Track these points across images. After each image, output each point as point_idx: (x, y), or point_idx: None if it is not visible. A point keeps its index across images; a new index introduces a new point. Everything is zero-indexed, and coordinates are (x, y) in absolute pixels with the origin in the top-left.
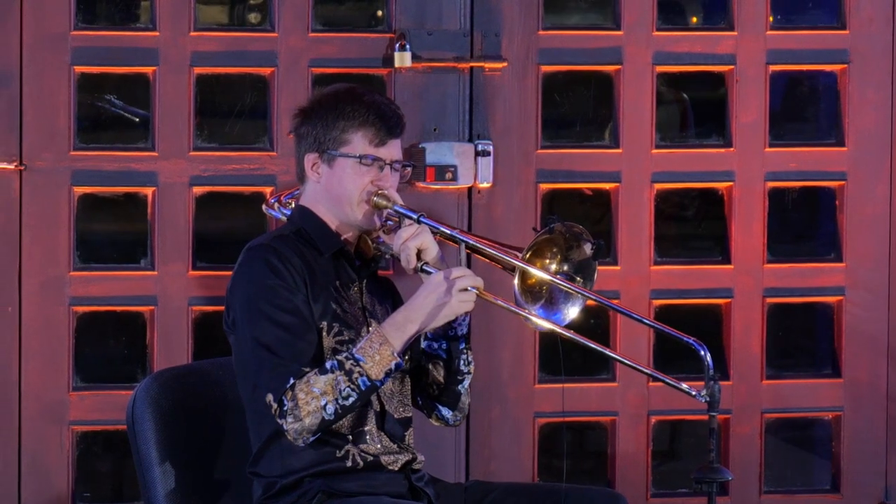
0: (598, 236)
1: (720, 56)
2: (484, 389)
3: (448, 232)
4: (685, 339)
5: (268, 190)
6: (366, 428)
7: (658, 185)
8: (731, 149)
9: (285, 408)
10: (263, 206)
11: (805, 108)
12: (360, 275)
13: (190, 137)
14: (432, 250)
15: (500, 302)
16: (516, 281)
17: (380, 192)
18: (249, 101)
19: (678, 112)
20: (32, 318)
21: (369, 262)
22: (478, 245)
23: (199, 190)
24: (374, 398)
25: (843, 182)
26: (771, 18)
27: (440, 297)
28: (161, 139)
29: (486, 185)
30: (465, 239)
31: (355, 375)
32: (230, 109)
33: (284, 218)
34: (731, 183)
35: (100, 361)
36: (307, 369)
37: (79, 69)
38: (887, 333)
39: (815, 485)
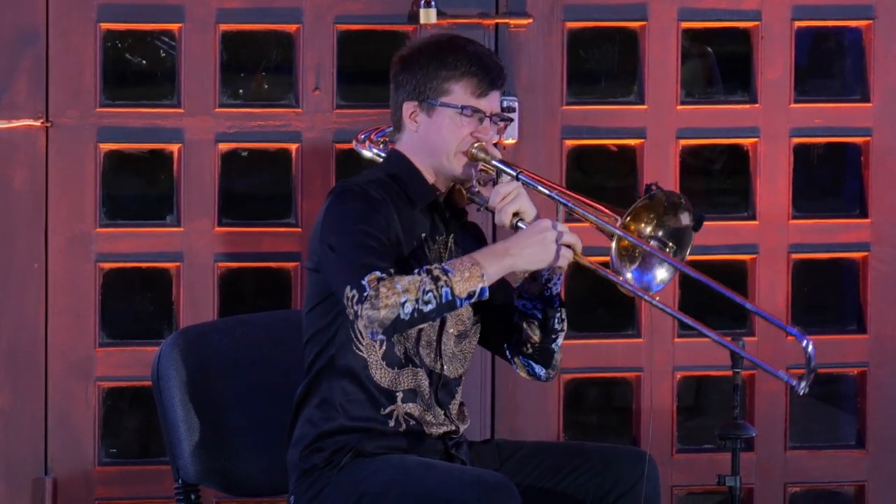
0: (623, 191)
1: (745, 12)
2: None
3: (546, 192)
4: (788, 329)
5: (293, 147)
6: (420, 388)
7: (683, 142)
8: (757, 105)
9: (365, 293)
10: (354, 143)
11: (830, 63)
12: (449, 228)
13: (216, 94)
14: (529, 214)
15: (592, 266)
16: (613, 244)
17: (479, 144)
18: (275, 57)
19: (703, 68)
20: (59, 274)
21: (460, 213)
22: (576, 208)
23: (224, 146)
24: (433, 355)
25: (868, 138)
26: None
27: (544, 243)
28: (187, 96)
29: (511, 141)
30: (563, 202)
31: (441, 283)
32: (255, 66)
33: (375, 157)
34: (756, 139)
35: (126, 318)
36: (393, 270)
37: (105, 26)
38: None
39: (840, 440)
